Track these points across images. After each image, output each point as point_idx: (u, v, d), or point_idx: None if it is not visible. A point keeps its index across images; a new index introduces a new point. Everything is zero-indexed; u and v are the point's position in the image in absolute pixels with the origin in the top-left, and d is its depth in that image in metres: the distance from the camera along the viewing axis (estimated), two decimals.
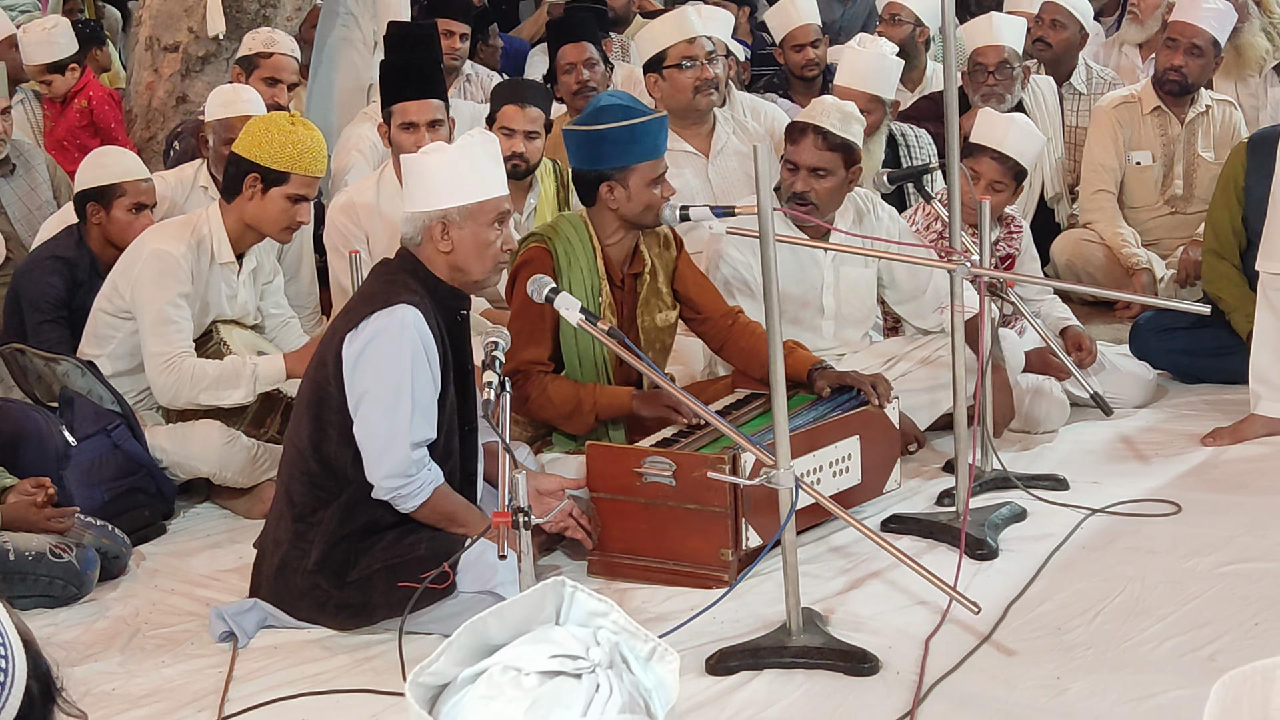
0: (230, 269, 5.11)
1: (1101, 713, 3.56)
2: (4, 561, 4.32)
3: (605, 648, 1.47)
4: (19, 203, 6.32)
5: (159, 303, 4.94)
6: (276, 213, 5.01)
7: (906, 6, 7.55)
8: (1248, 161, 5.65)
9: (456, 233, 4.06)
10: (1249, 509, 4.66)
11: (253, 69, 6.60)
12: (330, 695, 3.84)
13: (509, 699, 1.43)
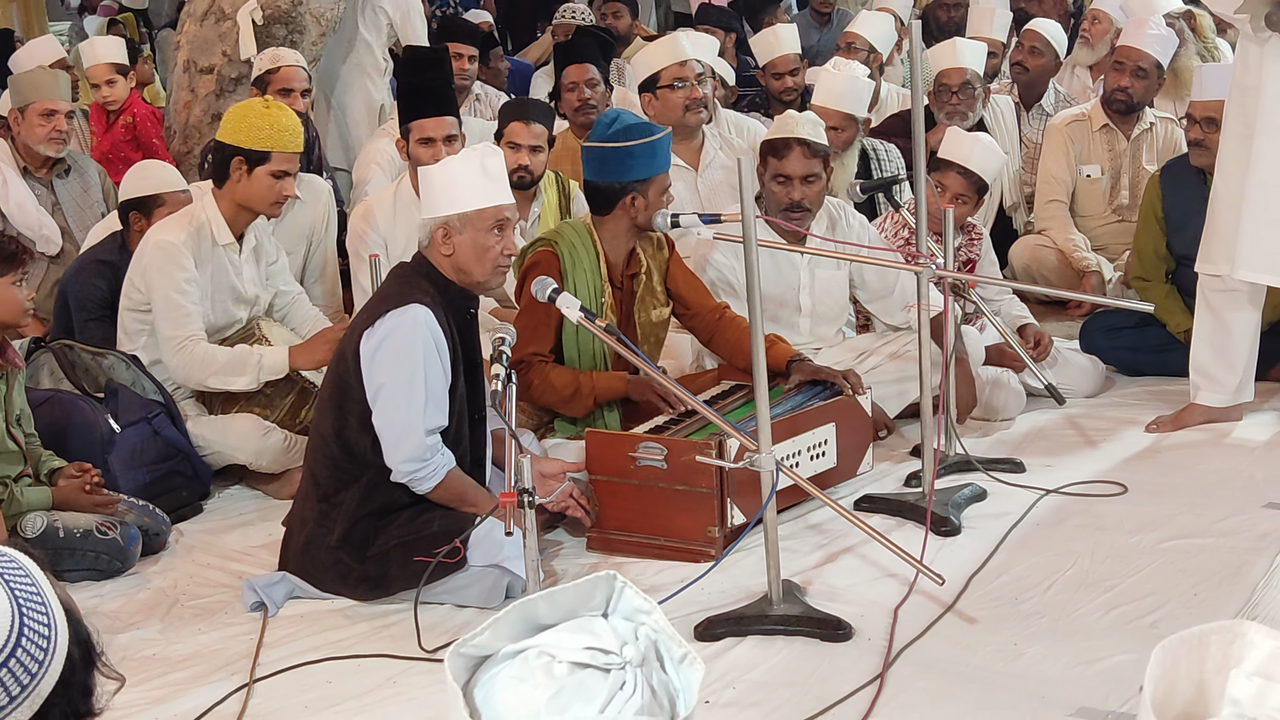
0: (232, 249, 5.11)
1: (1054, 675, 3.56)
2: (54, 538, 4.32)
3: (643, 644, 1.46)
4: (73, 202, 6.33)
5: (166, 289, 4.94)
6: (264, 190, 5.02)
7: (860, 35, 7.59)
8: (1162, 190, 5.72)
9: (457, 238, 4.06)
10: (1189, 490, 4.67)
11: (266, 85, 6.62)
12: (352, 660, 3.84)
13: (537, 684, 1.41)
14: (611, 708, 1.40)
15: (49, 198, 6.27)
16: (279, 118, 5.03)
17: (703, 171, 6.30)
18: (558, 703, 1.40)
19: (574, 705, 1.40)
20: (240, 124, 5.02)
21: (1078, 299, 6.20)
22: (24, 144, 6.20)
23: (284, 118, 5.05)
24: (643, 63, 6.37)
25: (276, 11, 7.25)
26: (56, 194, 6.30)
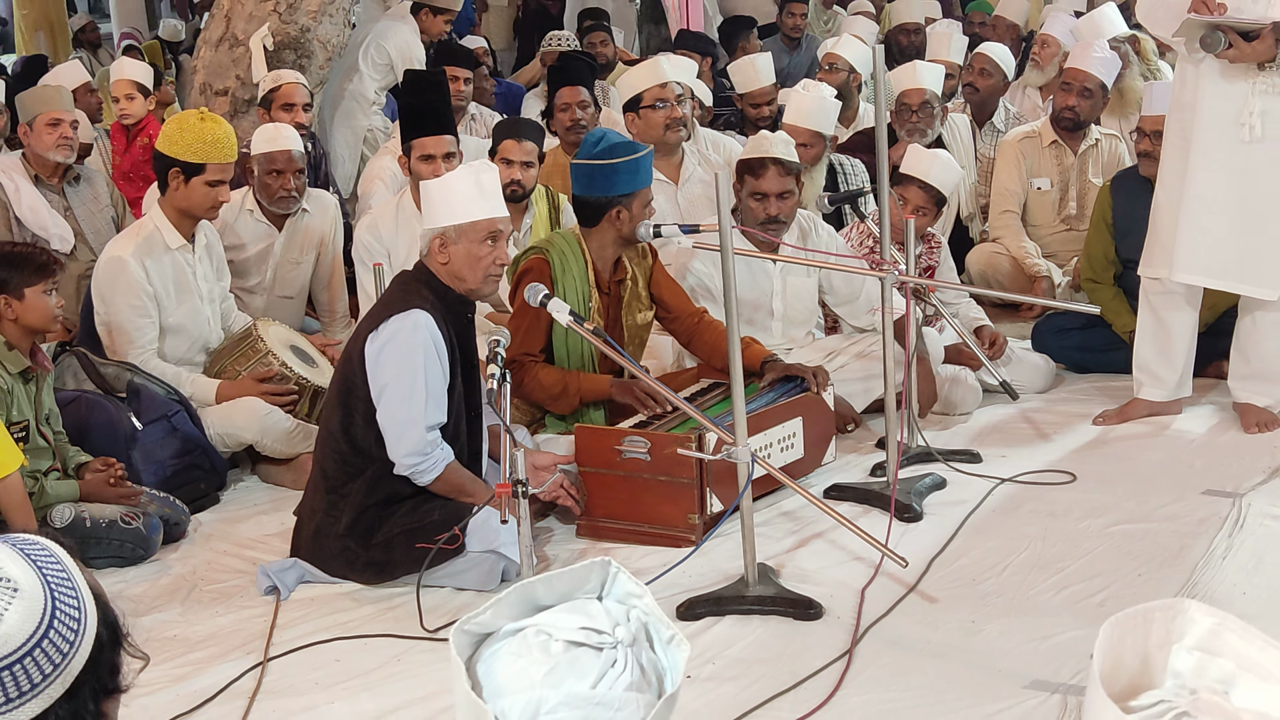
0: (185, 250, 5.13)
1: (1009, 650, 3.57)
2: (82, 528, 4.32)
3: (635, 625, 1.46)
4: (84, 207, 6.35)
5: (121, 308, 5.02)
6: (200, 197, 5.05)
7: (842, 56, 7.61)
8: (1112, 200, 5.73)
9: (452, 247, 4.06)
10: (1133, 478, 4.68)
11: (270, 103, 6.63)
12: (359, 640, 3.83)
13: (534, 660, 1.42)
14: (603, 684, 1.40)
15: (61, 203, 6.28)
16: (213, 131, 5.06)
17: (682, 185, 6.30)
18: (553, 678, 1.40)
19: (568, 680, 1.40)
20: (176, 137, 5.05)
21: (1029, 302, 6.22)
22: (35, 154, 6.22)
23: (218, 130, 5.08)
24: (626, 84, 6.38)
25: (286, 37, 7.25)
26: (68, 200, 6.32)
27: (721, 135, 7.04)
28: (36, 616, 1.57)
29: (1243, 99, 4.76)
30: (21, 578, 1.58)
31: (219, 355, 5.22)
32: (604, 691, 1.40)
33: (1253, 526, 4.21)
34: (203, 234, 5.22)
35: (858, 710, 3.33)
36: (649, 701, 1.41)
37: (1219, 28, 4.64)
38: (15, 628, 1.55)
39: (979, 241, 7.02)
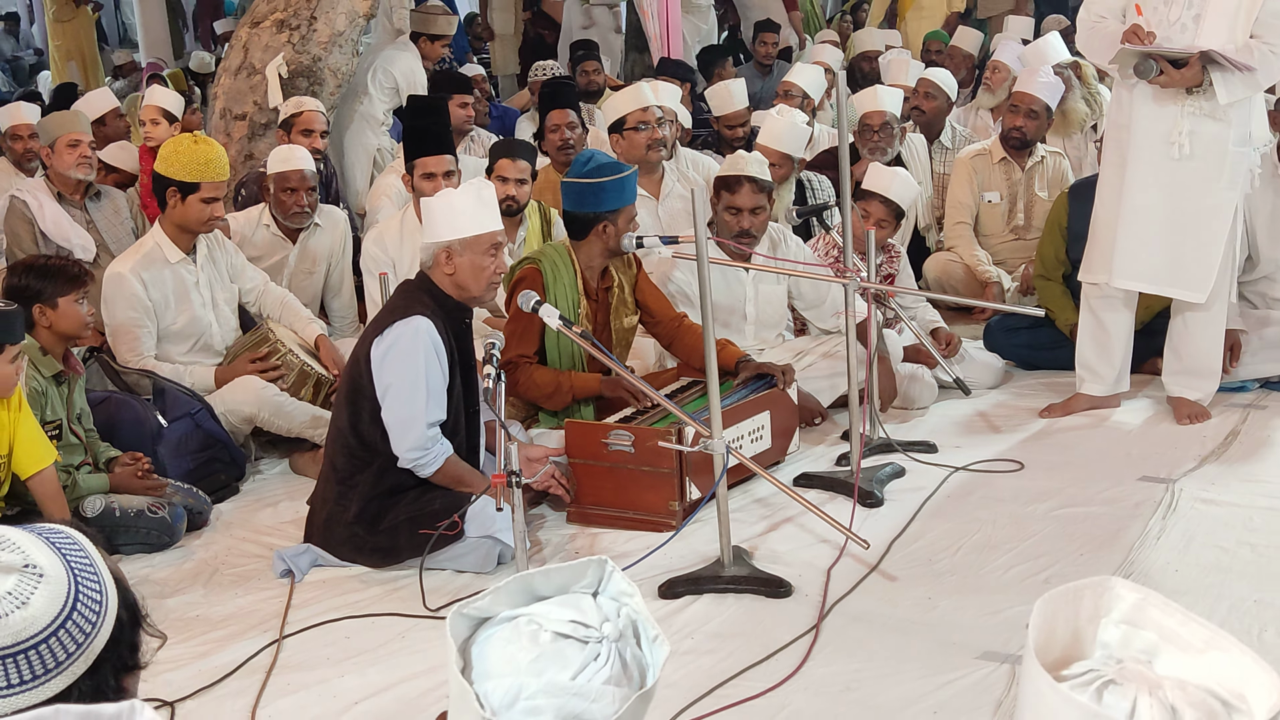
0: (184, 264, 5.12)
1: (963, 624, 3.58)
2: (111, 517, 4.31)
3: (623, 622, 1.45)
4: (105, 220, 6.35)
5: (119, 318, 5.03)
6: (195, 214, 5.05)
7: (795, 84, 7.61)
8: (1069, 206, 5.74)
9: (458, 259, 4.06)
10: (1075, 466, 4.69)
11: (291, 127, 6.62)
12: (367, 618, 3.83)
13: (523, 647, 1.41)
14: (582, 676, 1.39)
15: (83, 217, 6.28)
16: (205, 152, 5.06)
17: (663, 200, 6.31)
18: (536, 666, 1.39)
19: (550, 669, 1.39)
20: (172, 158, 5.05)
21: (981, 305, 6.23)
22: (57, 173, 6.22)
23: (210, 152, 5.08)
24: (611, 108, 6.38)
25: (299, 66, 7.24)
26: (90, 214, 6.32)
27: (699, 154, 7.05)
28: (61, 600, 1.57)
29: (1173, 120, 4.78)
30: (47, 564, 1.58)
31: (231, 351, 5.22)
32: (582, 683, 1.39)
33: (1184, 509, 4.23)
34: (203, 246, 5.21)
35: (824, 680, 3.33)
36: (625, 695, 1.40)
37: (1151, 56, 4.66)
38: (41, 610, 1.55)
39: (935, 250, 7.02)
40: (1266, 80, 4.76)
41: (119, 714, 1.11)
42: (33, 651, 1.55)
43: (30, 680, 1.55)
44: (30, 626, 1.54)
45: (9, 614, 1.54)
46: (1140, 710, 1.20)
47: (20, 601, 1.55)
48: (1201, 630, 1.27)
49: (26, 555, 1.57)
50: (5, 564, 1.56)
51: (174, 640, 3.67)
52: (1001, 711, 3.13)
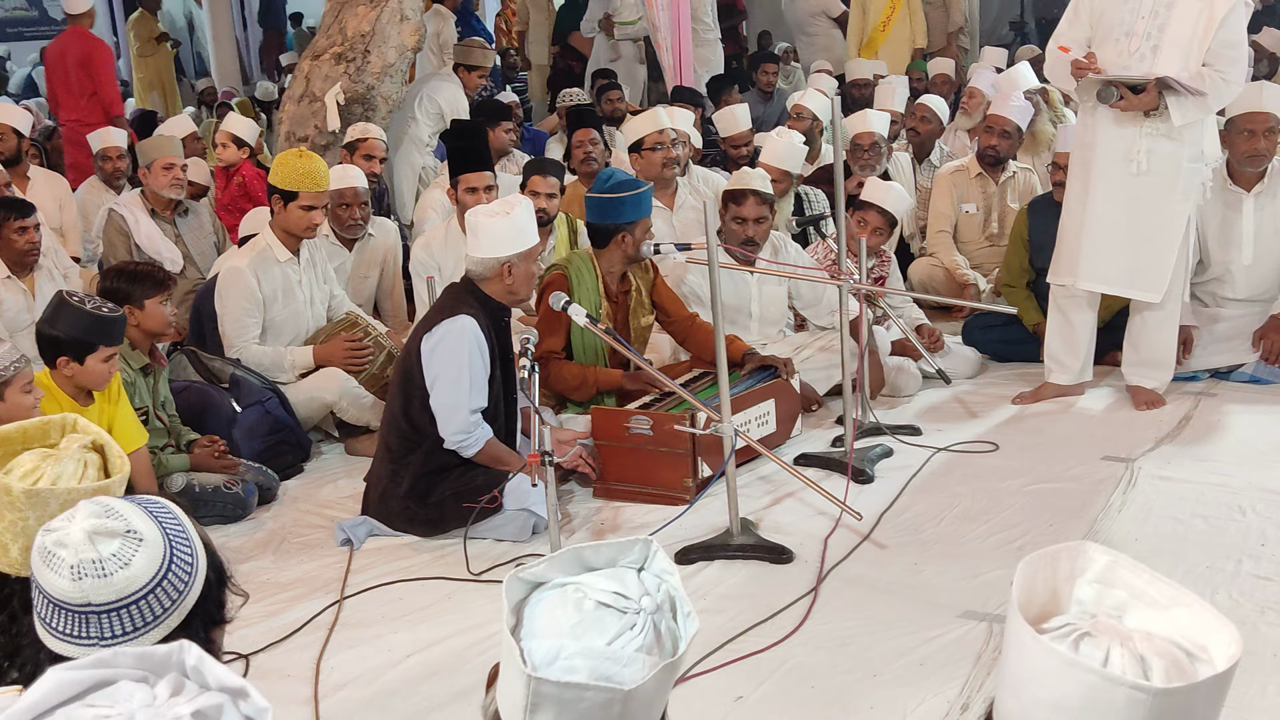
0: (291, 264, 5.12)
1: (945, 586, 3.57)
2: (192, 493, 4.33)
3: (662, 596, 1.44)
4: (191, 234, 6.37)
5: (233, 307, 5.02)
6: (296, 219, 5.04)
7: (807, 107, 7.58)
8: (1029, 220, 5.73)
9: (516, 270, 4.07)
10: (1045, 447, 4.67)
11: (355, 150, 6.63)
12: (417, 581, 3.85)
13: (567, 613, 1.40)
14: (617, 642, 1.38)
15: (173, 231, 6.30)
16: (306, 165, 5.05)
17: (677, 211, 6.30)
18: (577, 630, 1.39)
19: (589, 634, 1.39)
20: (278, 169, 5.06)
21: (960, 305, 6.21)
22: (152, 191, 6.24)
23: (310, 165, 5.06)
24: (631, 130, 6.38)
25: (354, 94, 7.24)
26: (179, 228, 6.34)
27: (709, 171, 7.04)
28: (158, 561, 1.58)
29: (1132, 140, 4.76)
30: (146, 530, 1.59)
31: (318, 334, 5.22)
32: (616, 649, 1.38)
33: (1143, 485, 4.21)
34: (306, 249, 5.20)
35: (822, 636, 3.33)
36: (654, 663, 1.39)
37: (1112, 83, 4.64)
38: (141, 570, 1.56)
39: (919, 256, 7.00)
40: (1216, 104, 4.74)
41: (170, 653, 1.11)
42: (134, 607, 1.56)
43: (131, 632, 1.56)
44: (131, 584, 1.56)
45: (113, 573, 1.55)
46: (1113, 660, 1.20)
47: (123, 563, 1.56)
48: (1167, 589, 1.27)
49: (128, 522, 1.59)
50: (110, 530, 1.57)
51: (248, 600, 3.68)
52: (980, 664, 3.13)
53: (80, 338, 3.86)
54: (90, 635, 1.56)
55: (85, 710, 1.06)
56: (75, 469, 1.86)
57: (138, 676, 1.09)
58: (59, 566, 1.55)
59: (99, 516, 1.58)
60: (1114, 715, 1.17)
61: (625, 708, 1.37)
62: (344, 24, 7.31)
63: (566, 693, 1.36)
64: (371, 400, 5.02)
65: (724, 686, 3.09)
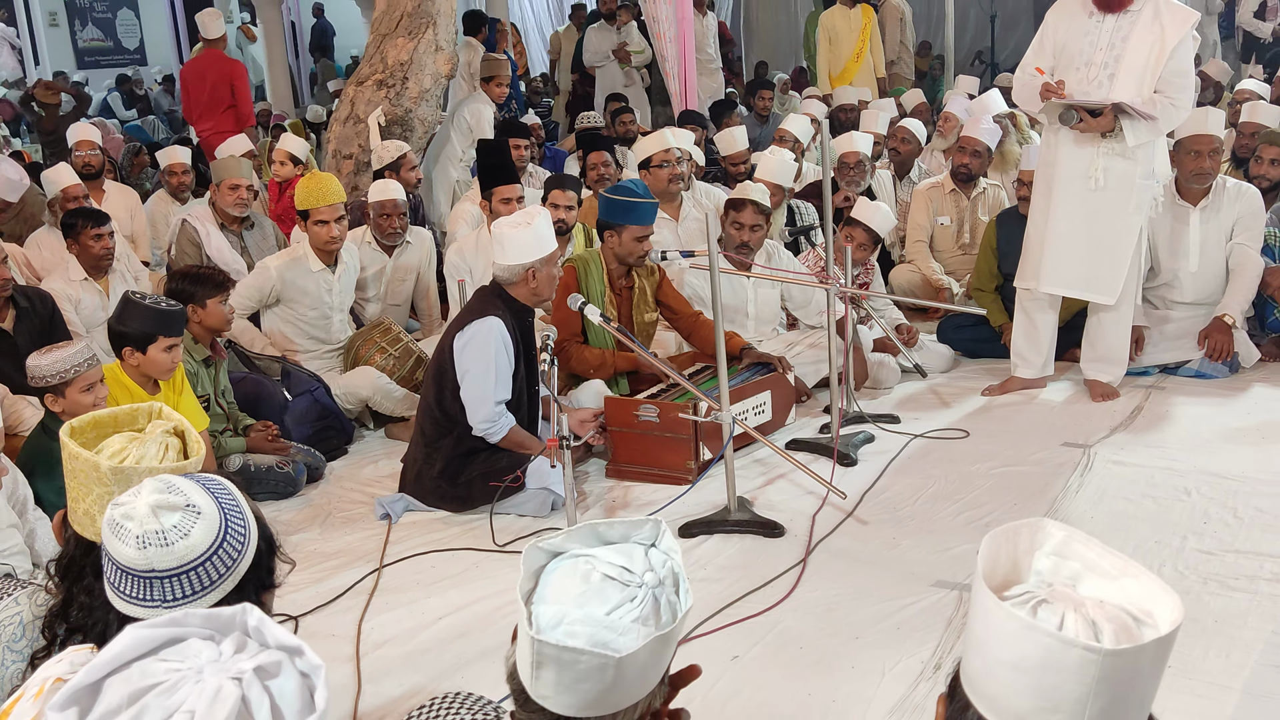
0: (324, 273, 5.14)
1: (920, 559, 3.57)
2: (247, 472, 4.34)
3: (666, 571, 1.45)
4: (255, 245, 6.36)
5: (241, 291, 5.06)
6: (315, 235, 5.09)
7: (789, 130, 7.55)
8: (997, 231, 5.72)
9: (539, 274, 4.07)
10: (1011, 434, 4.66)
11: (400, 168, 6.66)
12: (448, 552, 3.85)
13: (575, 582, 1.41)
14: (616, 613, 1.39)
15: (239, 243, 6.29)
16: (313, 183, 5.08)
17: (681, 222, 6.30)
18: (581, 599, 1.39)
19: (591, 603, 1.39)
20: (297, 193, 5.09)
21: (935, 306, 6.19)
22: (221, 207, 6.24)
23: (317, 182, 5.08)
24: (641, 149, 6.37)
25: (394, 117, 7.25)
26: (244, 240, 6.33)
27: (710, 186, 7.00)
28: (214, 533, 1.58)
29: (1091, 159, 4.74)
30: (204, 505, 1.60)
31: (354, 340, 5.24)
32: (614, 619, 1.38)
33: (1098, 469, 4.20)
34: (343, 262, 5.21)
35: (810, 603, 3.33)
36: (649, 633, 1.39)
37: (1073, 107, 4.63)
38: (198, 540, 1.57)
39: (899, 263, 6.98)
40: (1166, 126, 4.72)
41: (234, 615, 1.12)
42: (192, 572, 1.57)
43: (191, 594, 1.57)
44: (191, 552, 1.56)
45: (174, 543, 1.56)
46: (1067, 624, 1.20)
47: (183, 533, 1.57)
48: (1116, 561, 1.27)
49: (188, 498, 1.59)
50: (172, 504, 1.58)
51: (296, 569, 3.69)
52: (951, 628, 3.12)
53: (143, 330, 3.88)
54: (154, 598, 1.57)
55: (159, 664, 1.07)
56: (157, 451, 1.87)
57: (205, 635, 1.11)
58: (126, 537, 1.56)
59: (162, 492, 1.58)
60: (1068, 674, 1.17)
61: (619, 672, 1.37)
62: (385, 54, 7.32)
63: (565, 655, 1.36)
64: (402, 393, 5.04)
65: (722, 647, 3.09)
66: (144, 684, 1.05)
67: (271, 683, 1.06)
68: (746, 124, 9.04)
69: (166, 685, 1.04)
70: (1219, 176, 5.27)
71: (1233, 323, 5.15)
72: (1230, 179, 5.33)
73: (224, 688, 1.03)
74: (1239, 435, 4.47)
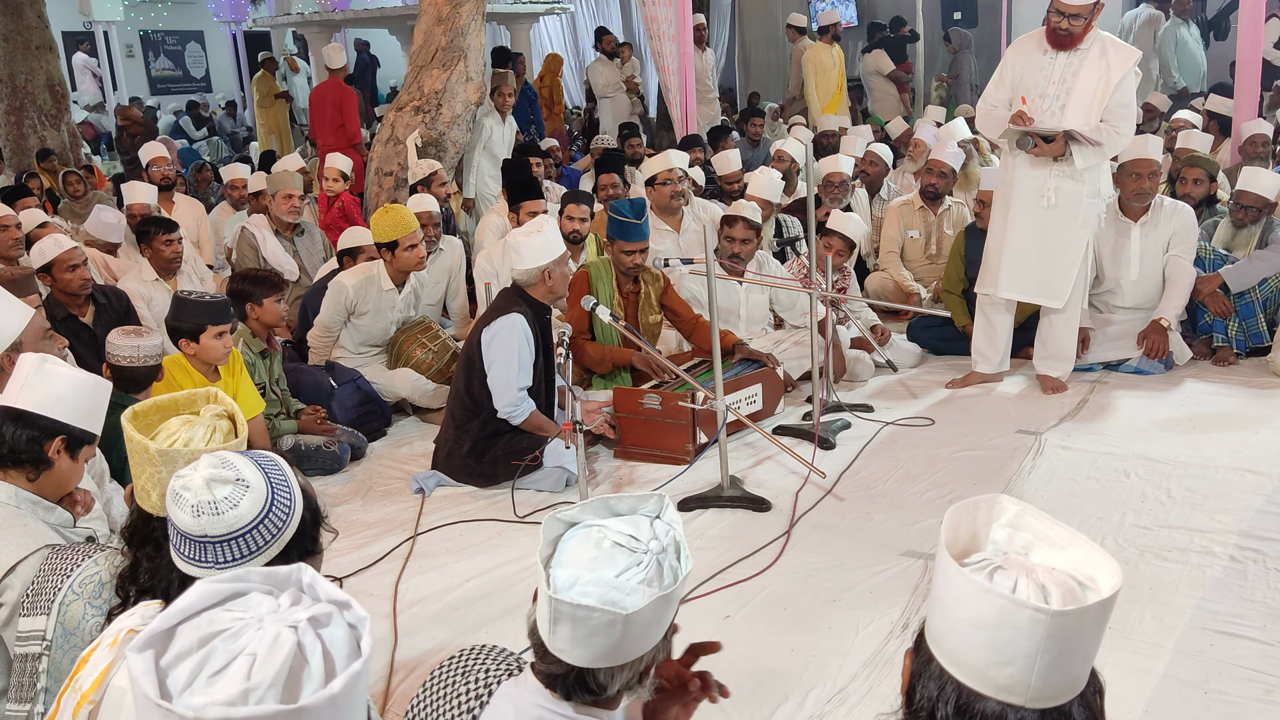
0: (392, 292, 5.06)
1: (892, 531, 3.57)
2: (299, 451, 4.35)
3: (668, 540, 1.46)
4: (305, 250, 6.37)
5: (327, 312, 5.02)
6: (405, 260, 4.97)
7: (786, 151, 7.54)
8: (965, 241, 5.71)
9: (553, 274, 4.07)
10: (971, 422, 4.65)
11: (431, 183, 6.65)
12: (474, 522, 3.86)
13: (588, 548, 1.43)
14: (624, 576, 1.40)
15: (291, 248, 6.30)
16: (394, 216, 4.92)
17: (682, 234, 6.27)
18: (594, 564, 1.41)
19: (601, 567, 1.41)
20: (376, 227, 4.96)
21: (906, 309, 6.17)
22: (275, 215, 6.24)
23: (397, 215, 4.92)
24: (646, 169, 6.35)
25: (429, 139, 7.24)
26: (296, 245, 6.34)
27: (708, 202, 6.98)
28: (261, 504, 1.59)
29: (1044, 180, 4.73)
30: (253, 479, 1.60)
31: (397, 336, 5.20)
32: (623, 580, 1.40)
33: (1048, 453, 4.20)
34: (411, 284, 5.13)
35: (793, 570, 3.33)
36: (652, 594, 1.41)
37: (1028, 134, 4.62)
38: (246, 511, 1.57)
39: (873, 270, 6.97)
40: (1111, 151, 4.71)
41: (290, 573, 1.14)
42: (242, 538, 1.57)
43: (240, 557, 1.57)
44: (239, 521, 1.57)
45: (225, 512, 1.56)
46: (1020, 588, 1.20)
47: (233, 504, 1.57)
48: (1064, 532, 1.27)
49: (239, 472, 1.60)
50: (224, 478, 1.58)
51: (341, 536, 3.71)
52: (917, 593, 3.12)
53: (194, 322, 3.89)
54: (208, 560, 1.57)
55: (225, 613, 1.09)
56: (204, 434, 1.87)
57: (265, 590, 1.13)
58: (183, 505, 1.57)
59: (216, 467, 1.59)
60: (1020, 631, 1.17)
61: (626, 628, 1.39)
62: (421, 83, 7.31)
63: (579, 612, 1.38)
64: (434, 388, 5.02)
65: (715, 608, 3.10)
66: (212, 630, 1.07)
67: (323, 631, 1.07)
68: (740, 147, 9.02)
69: (231, 631, 1.06)
70: (1157, 196, 5.25)
71: (1168, 325, 5.14)
72: (1167, 198, 5.31)
73: (282, 634, 1.05)
74: (1172, 425, 4.47)
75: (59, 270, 4.72)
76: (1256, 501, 3.64)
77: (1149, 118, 9.33)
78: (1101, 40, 4.60)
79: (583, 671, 1.45)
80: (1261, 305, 5.25)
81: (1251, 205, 5.39)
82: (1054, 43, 4.62)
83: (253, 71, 15.04)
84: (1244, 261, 5.25)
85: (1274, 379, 4.98)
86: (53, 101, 10.40)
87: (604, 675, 1.45)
